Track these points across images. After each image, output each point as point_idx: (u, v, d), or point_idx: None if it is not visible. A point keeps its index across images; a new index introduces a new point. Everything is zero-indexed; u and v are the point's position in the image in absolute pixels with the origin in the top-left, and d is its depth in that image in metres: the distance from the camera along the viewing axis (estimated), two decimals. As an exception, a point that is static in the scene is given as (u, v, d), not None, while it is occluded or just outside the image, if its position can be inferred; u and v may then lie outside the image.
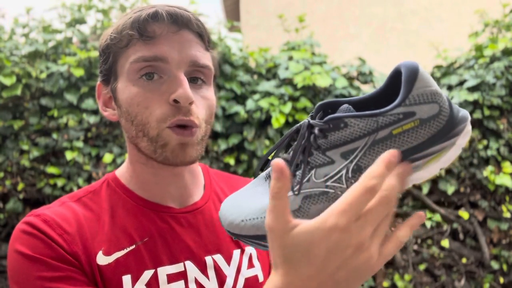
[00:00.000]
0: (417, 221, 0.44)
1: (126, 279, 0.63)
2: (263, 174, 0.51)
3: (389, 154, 0.42)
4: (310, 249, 0.40)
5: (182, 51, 0.63)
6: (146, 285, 0.64)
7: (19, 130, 2.18)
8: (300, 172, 0.46)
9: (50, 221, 0.62)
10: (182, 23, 0.63)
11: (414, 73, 0.43)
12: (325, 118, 0.45)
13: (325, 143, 0.45)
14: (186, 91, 0.61)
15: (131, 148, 0.70)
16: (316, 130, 0.45)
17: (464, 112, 0.46)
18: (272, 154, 0.51)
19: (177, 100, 0.62)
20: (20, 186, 2.14)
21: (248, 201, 0.49)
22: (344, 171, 0.44)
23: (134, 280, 0.63)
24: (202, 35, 0.66)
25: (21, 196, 2.16)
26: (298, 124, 0.48)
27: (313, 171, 0.45)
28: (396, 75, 0.46)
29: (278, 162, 0.41)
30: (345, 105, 0.47)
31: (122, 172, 0.73)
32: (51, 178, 2.16)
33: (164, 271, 0.66)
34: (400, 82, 0.45)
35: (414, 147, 0.44)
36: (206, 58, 0.66)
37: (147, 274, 0.64)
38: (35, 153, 2.14)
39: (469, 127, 0.46)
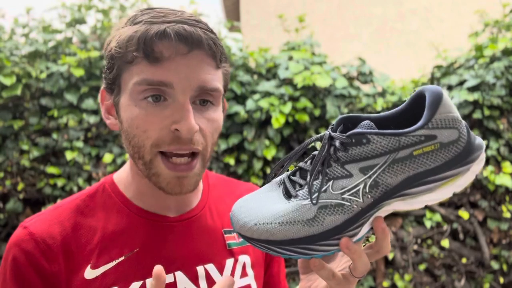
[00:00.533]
0: None
1: None
2: (277, 179, 0.52)
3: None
4: None
5: (190, 76, 0.59)
6: None
7: (19, 130, 2.18)
8: (318, 182, 0.47)
9: (35, 235, 0.63)
10: (192, 43, 0.58)
11: (438, 98, 0.44)
12: (349, 133, 0.46)
13: (345, 157, 0.46)
14: (190, 122, 0.58)
15: (132, 161, 0.69)
16: (337, 143, 0.47)
17: (480, 140, 0.48)
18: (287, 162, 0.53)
19: (179, 130, 0.59)
20: (20, 186, 2.14)
21: (261, 206, 0.49)
22: (361, 186, 0.46)
23: None
24: (215, 54, 0.61)
25: (21, 196, 2.16)
26: (319, 135, 0.49)
27: (330, 183, 0.47)
28: (418, 97, 0.47)
29: (156, 269, 0.47)
30: (367, 122, 0.47)
31: (120, 178, 0.72)
32: (51, 178, 2.16)
33: None
34: (420, 104, 0.47)
35: (431, 170, 0.45)
36: (215, 80, 0.62)
37: (135, 286, 0.63)
38: (35, 153, 2.14)
39: (483, 155, 0.47)
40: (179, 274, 0.66)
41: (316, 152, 0.49)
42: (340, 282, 0.53)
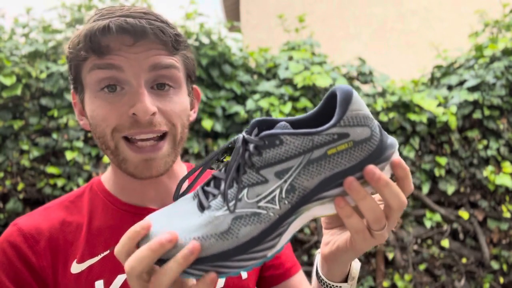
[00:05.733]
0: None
1: (99, 284, 0.63)
2: (192, 193, 0.49)
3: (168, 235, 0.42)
4: None
5: (140, 60, 0.60)
6: None
7: (19, 130, 2.18)
8: (234, 190, 0.44)
9: (24, 230, 0.65)
10: (136, 34, 0.59)
11: (348, 96, 0.43)
12: (261, 134, 0.44)
13: (259, 161, 0.44)
14: (144, 104, 0.59)
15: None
16: (251, 147, 0.44)
17: (392, 139, 0.47)
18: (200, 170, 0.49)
19: (135, 114, 0.60)
20: (20, 186, 2.14)
21: (172, 222, 0.45)
22: (277, 191, 0.43)
23: (107, 285, 0.64)
24: (165, 42, 0.62)
25: (21, 196, 2.16)
26: (232, 140, 0.47)
27: (245, 191, 0.44)
28: (331, 97, 0.47)
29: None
30: (282, 123, 0.46)
31: (106, 177, 0.74)
32: (51, 178, 2.16)
33: None
34: (333, 104, 0.46)
35: (347, 169, 0.44)
36: (169, 60, 0.63)
37: (121, 278, 0.64)
38: (35, 153, 2.14)
39: (397, 153, 0.46)
40: None
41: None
42: (367, 237, 0.48)
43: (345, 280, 0.58)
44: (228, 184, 0.44)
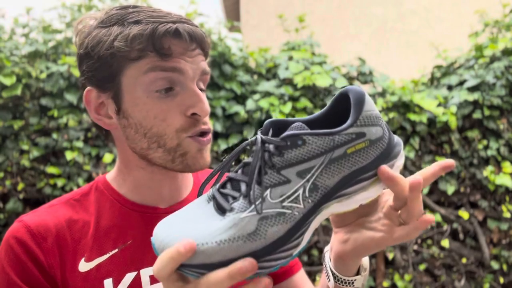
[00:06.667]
0: None
1: (108, 282, 0.64)
2: (205, 196, 0.48)
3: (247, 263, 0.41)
4: None
5: (194, 66, 0.65)
6: (128, 287, 0.65)
7: (19, 130, 2.18)
8: (257, 191, 0.44)
9: (31, 227, 0.65)
10: (197, 41, 0.65)
11: (362, 97, 0.45)
12: (283, 135, 0.44)
13: (281, 162, 0.44)
14: (206, 105, 0.65)
15: (131, 156, 0.69)
16: (271, 148, 0.44)
17: (397, 137, 0.51)
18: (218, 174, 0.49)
19: (197, 113, 0.64)
20: (20, 186, 2.14)
21: (192, 225, 0.44)
22: (301, 191, 0.44)
23: (116, 283, 0.64)
24: (208, 50, 0.69)
25: (21, 196, 2.16)
26: (249, 141, 0.47)
27: (268, 191, 0.44)
28: (340, 98, 0.48)
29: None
30: (298, 123, 0.46)
31: (113, 177, 0.74)
32: (51, 178, 2.16)
33: (146, 273, 0.67)
34: (342, 105, 0.48)
35: (363, 167, 0.46)
36: (207, 66, 0.70)
37: (129, 277, 0.65)
38: (35, 153, 2.14)
39: (403, 150, 0.50)
40: None
41: (247, 160, 0.46)
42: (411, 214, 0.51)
43: (357, 273, 0.60)
44: (252, 186, 0.44)
